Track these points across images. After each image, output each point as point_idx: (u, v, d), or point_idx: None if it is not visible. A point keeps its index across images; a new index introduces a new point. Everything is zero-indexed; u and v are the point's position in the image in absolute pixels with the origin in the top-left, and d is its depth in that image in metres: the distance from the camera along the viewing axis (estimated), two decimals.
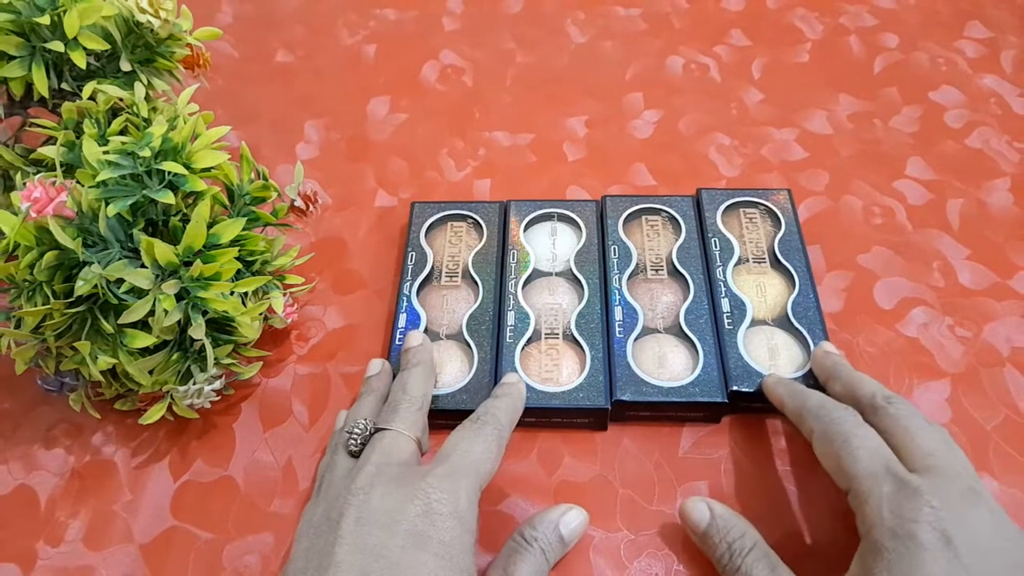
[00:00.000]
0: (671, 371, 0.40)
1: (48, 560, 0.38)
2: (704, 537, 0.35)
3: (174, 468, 0.40)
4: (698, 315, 0.42)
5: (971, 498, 0.29)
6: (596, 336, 0.42)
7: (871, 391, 0.35)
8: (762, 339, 0.42)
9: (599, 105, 0.58)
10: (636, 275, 0.45)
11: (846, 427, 0.33)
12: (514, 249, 0.46)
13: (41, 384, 0.40)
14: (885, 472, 0.31)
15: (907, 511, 0.29)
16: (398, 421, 0.35)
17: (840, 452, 0.32)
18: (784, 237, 0.46)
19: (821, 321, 0.42)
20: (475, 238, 0.47)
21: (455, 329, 0.43)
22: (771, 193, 0.48)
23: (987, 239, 0.49)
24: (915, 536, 0.28)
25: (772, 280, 0.44)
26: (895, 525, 0.29)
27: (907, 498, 0.29)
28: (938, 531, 0.28)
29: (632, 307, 0.43)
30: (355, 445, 0.34)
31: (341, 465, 0.34)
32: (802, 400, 0.36)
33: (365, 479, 0.31)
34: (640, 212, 0.48)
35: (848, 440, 0.32)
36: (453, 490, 0.31)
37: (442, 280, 0.45)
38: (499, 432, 0.34)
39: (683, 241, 0.46)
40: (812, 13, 0.65)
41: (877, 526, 0.29)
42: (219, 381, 0.40)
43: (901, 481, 0.30)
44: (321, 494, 0.33)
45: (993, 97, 0.57)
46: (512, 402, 0.37)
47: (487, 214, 0.48)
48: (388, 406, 0.36)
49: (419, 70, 0.62)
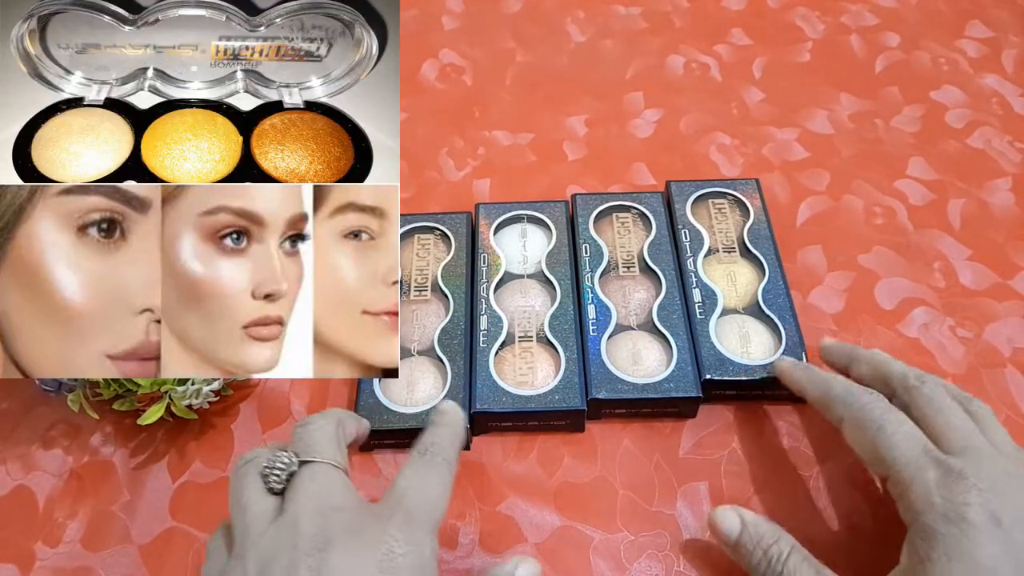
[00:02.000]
0: (646, 367, 0.41)
1: (46, 561, 0.37)
2: (737, 547, 0.33)
3: (173, 469, 0.40)
4: (671, 311, 0.43)
5: (1015, 477, 0.30)
6: (570, 337, 0.42)
7: (902, 371, 0.35)
8: (734, 327, 0.42)
9: (599, 104, 0.58)
10: (608, 273, 0.45)
11: (877, 413, 0.32)
12: (485, 253, 0.46)
13: (39, 384, 0.40)
14: (926, 457, 0.30)
15: (957, 495, 0.29)
16: (321, 449, 0.31)
17: (876, 440, 0.32)
18: (753, 226, 0.46)
19: (791, 307, 0.42)
20: (443, 250, 0.47)
21: (427, 344, 0.42)
22: (739, 183, 0.49)
23: (988, 239, 0.48)
24: (968, 519, 0.28)
25: (742, 269, 0.45)
26: (947, 510, 0.28)
27: (954, 481, 0.29)
28: (988, 511, 0.28)
29: (605, 305, 0.43)
30: (278, 482, 0.30)
31: (260, 507, 0.29)
32: (826, 387, 0.35)
33: (314, 532, 0.27)
34: (610, 210, 0.48)
35: (883, 427, 0.32)
36: (417, 541, 0.28)
37: (411, 295, 0.44)
38: (450, 466, 0.32)
39: (654, 237, 0.46)
40: (813, 12, 0.65)
41: (927, 512, 0.29)
42: (217, 381, 0.40)
43: (944, 465, 0.30)
44: (246, 549, 0.28)
45: (994, 97, 0.57)
46: (455, 431, 0.34)
47: (454, 225, 0.47)
48: (302, 427, 0.32)
49: (419, 69, 0.62)
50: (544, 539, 0.37)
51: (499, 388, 0.40)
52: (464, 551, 0.37)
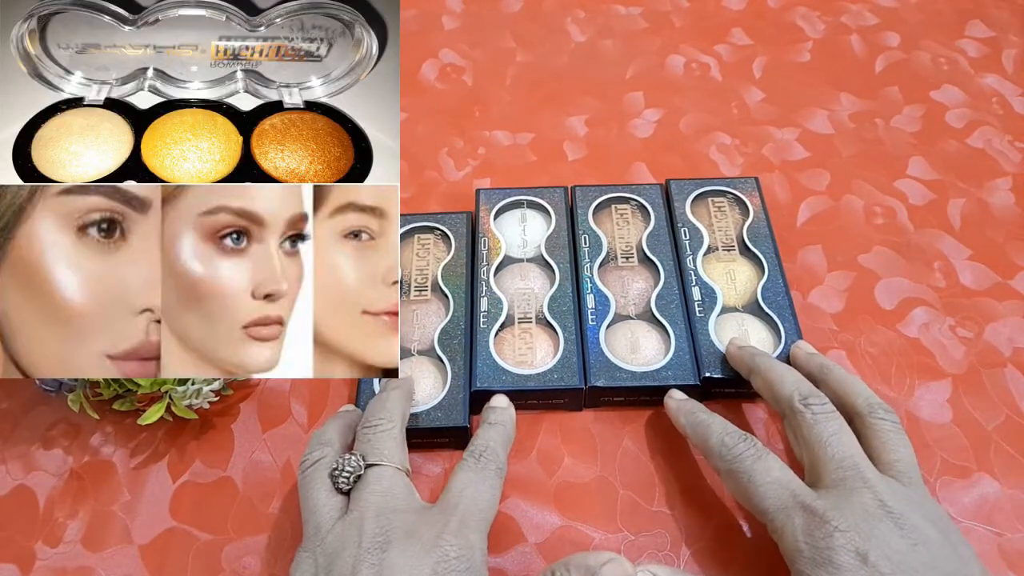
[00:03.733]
0: (644, 356, 0.41)
1: (47, 561, 0.37)
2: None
3: (173, 469, 0.40)
4: (669, 300, 0.43)
5: (875, 514, 0.30)
6: (568, 318, 0.42)
7: (788, 394, 0.35)
8: (733, 325, 0.42)
9: (599, 104, 0.58)
10: (607, 263, 0.46)
11: (747, 464, 0.33)
12: (485, 237, 0.47)
13: (39, 384, 0.40)
14: (793, 503, 0.31)
15: (819, 539, 0.29)
16: (388, 453, 0.33)
17: (747, 490, 0.32)
18: (752, 224, 0.46)
19: (791, 306, 0.42)
20: (443, 250, 0.47)
21: (427, 344, 0.43)
22: (738, 182, 0.49)
23: (988, 239, 0.48)
24: (834, 562, 0.28)
25: (741, 267, 0.45)
26: (814, 555, 0.29)
27: (816, 526, 0.30)
28: (852, 551, 0.29)
29: (604, 294, 0.44)
30: (346, 484, 0.32)
31: (328, 506, 0.32)
32: (704, 436, 0.35)
33: (376, 532, 0.29)
34: (609, 201, 0.49)
35: (752, 478, 0.32)
36: (468, 546, 0.30)
37: (411, 295, 0.45)
38: (501, 471, 0.34)
39: (652, 228, 0.46)
40: (813, 12, 0.65)
41: (798, 559, 0.30)
42: (217, 381, 0.40)
43: (808, 509, 0.30)
44: (316, 544, 0.31)
45: (995, 97, 0.57)
46: (507, 431, 0.37)
47: (454, 225, 0.48)
48: (369, 431, 0.34)
49: (418, 69, 0.62)
50: (544, 539, 0.37)
51: (499, 367, 0.41)
52: None
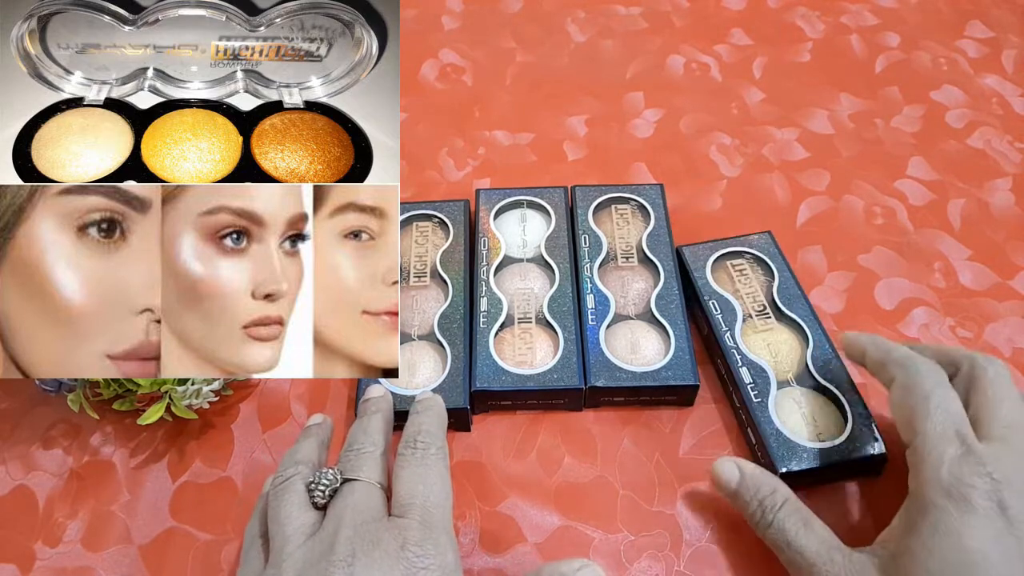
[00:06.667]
0: (644, 356, 0.41)
1: (46, 561, 0.37)
2: (735, 496, 0.35)
3: (173, 469, 0.40)
4: (669, 300, 0.43)
5: None
6: (568, 319, 0.42)
7: (967, 353, 0.34)
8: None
9: (599, 104, 0.58)
10: (607, 263, 0.46)
11: (929, 384, 0.32)
12: (485, 237, 0.47)
13: (39, 384, 0.40)
14: (955, 436, 0.30)
15: (966, 475, 0.29)
16: (367, 469, 0.31)
17: (916, 406, 0.32)
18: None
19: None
20: (441, 237, 0.47)
21: (427, 329, 0.43)
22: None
23: (988, 239, 0.48)
24: (969, 500, 0.28)
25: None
26: (951, 485, 0.29)
27: (969, 464, 0.29)
28: (994, 500, 0.28)
29: (604, 295, 0.44)
30: (322, 497, 0.31)
31: (300, 520, 0.30)
32: (887, 350, 0.35)
33: (346, 547, 0.28)
34: (609, 201, 0.49)
35: (928, 397, 0.32)
36: (436, 546, 0.28)
37: (411, 281, 0.45)
38: (443, 455, 0.32)
39: (652, 228, 0.46)
40: (813, 12, 0.65)
41: (932, 483, 0.29)
42: (217, 381, 0.40)
43: (968, 447, 0.30)
44: (283, 559, 0.29)
45: (995, 97, 0.57)
46: (439, 415, 0.35)
47: (452, 212, 0.48)
48: (351, 451, 0.33)
49: (418, 69, 0.62)
50: (544, 539, 0.37)
51: (499, 367, 0.41)
52: (464, 551, 0.37)
